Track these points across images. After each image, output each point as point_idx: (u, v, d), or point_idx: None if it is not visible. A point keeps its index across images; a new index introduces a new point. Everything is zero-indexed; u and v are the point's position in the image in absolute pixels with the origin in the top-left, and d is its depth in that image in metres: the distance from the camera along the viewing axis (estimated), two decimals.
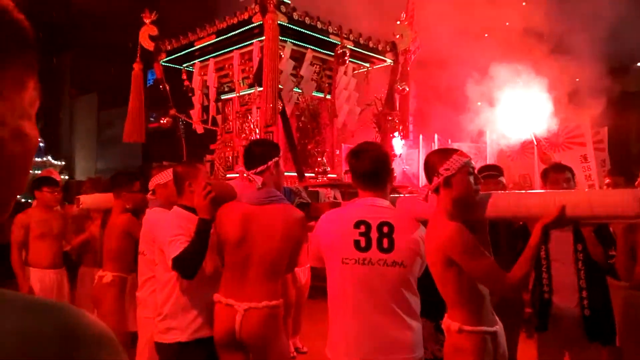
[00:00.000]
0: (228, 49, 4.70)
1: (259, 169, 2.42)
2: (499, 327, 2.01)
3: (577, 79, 9.06)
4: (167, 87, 5.22)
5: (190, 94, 5.26)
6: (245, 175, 2.46)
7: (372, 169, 2.14)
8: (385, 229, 2.08)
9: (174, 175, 2.69)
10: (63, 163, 25.07)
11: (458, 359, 1.95)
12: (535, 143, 5.29)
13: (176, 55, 5.13)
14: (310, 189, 3.54)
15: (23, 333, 0.42)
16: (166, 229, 2.44)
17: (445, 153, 2.03)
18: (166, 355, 2.49)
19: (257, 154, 2.46)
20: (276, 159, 2.47)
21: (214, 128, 5.13)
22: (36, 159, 24.56)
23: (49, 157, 24.75)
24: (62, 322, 0.44)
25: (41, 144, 25.41)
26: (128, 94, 5.30)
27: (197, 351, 2.44)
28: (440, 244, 1.92)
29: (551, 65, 7.80)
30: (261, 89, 4.12)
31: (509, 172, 7.44)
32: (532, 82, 7.65)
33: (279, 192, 2.46)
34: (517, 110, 7.71)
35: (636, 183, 2.91)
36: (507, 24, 9.87)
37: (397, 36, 5.14)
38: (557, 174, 2.97)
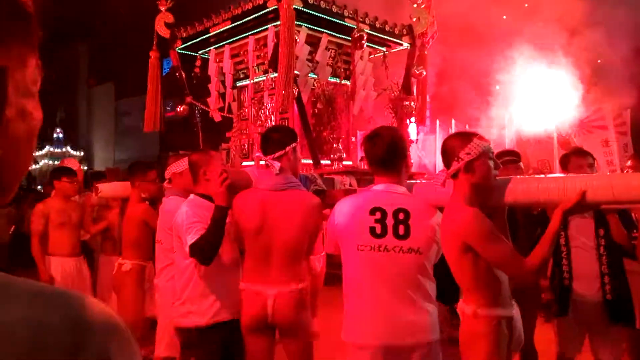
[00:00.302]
0: (243, 35, 4.68)
1: (277, 154, 2.43)
2: (515, 312, 1.99)
3: (599, 61, 8.84)
4: (184, 75, 5.23)
5: (194, 82, 5.26)
6: (262, 161, 2.47)
7: (387, 154, 2.11)
8: (401, 216, 2.07)
9: (189, 163, 2.71)
10: (82, 153, 25.45)
11: (473, 343, 1.93)
12: (554, 128, 5.18)
13: (192, 42, 5.12)
14: (325, 176, 3.53)
15: (33, 321, 0.42)
16: (183, 216, 2.48)
17: (465, 137, 1.98)
18: (186, 338, 2.53)
19: (275, 140, 2.46)
20: (294, 144, 2.47)
21: (230, 115, 5.13)
22: (55, 150, 24.98)
23: (68, 148, 25.16)
24: (71, 310, 0.44)
25: (60, 135, 25.84)
26: (144, 82, 5.33)
27: (215, 335, 2.48)
28: (457, 230, 1.90)
29: (572, 47, 7.61)
30: (276, 74, 4.10)
31: (527, 157, 7.35)
32: (552, 66, 7.50)
33: (296, 180, 2.46)
34: (537, 95, 7.57)
35: None
36: (526, 5, 9.66)
37: (414, 19, 5.05)
38: (579, 159, 2.92)
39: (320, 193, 2.85)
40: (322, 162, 4.38)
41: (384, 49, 5.26)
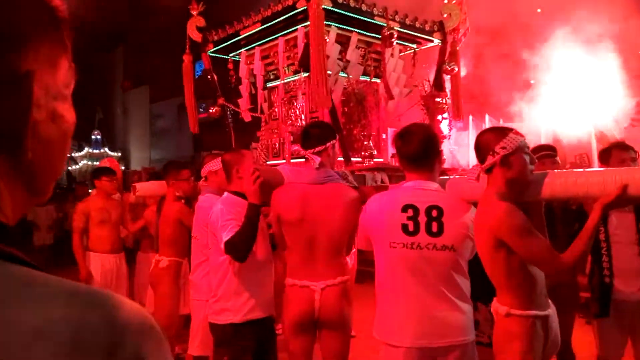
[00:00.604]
0: (273, 37, 4.72)
1: (317, 149, 2.49)
2: (551, 311, 1.96)
3: None
4: (215, 78, 5.32)
5: (234, 84, 5.34)
6: (299, 158, 2.53)
7: (419, 150, 2.10)
8: (434, 213, 2.05)
9: (222, 162, 2.78)
10: (119, 154, 26.16)
11: (506, 344, 1.91)
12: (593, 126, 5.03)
13: (223, 45, 5.21)
14: (356, 172, 3.53)
15: (72, 321, 0.42)
16: (218, 214, 2.53)
17: (500, 131, 1.97)
18: (220, 335, 2.58)
19: (316, 135, 2.53)
20: (333, 141, 2.55)
21: (261, 115, 5.19)
22: (94, 151, 25.80)
23: (106, 149, 25.92)
24: (108, 310, 0.45)
25: (98, 137, 26.65)
26: (177, 85, 5.46)
27: (249, 332, 2.52)
28: (490, 225, 1.88)
29: (613, 38, 7.35)
30: (306, 74, 4.13)
31: (564, 152, 7.15)
32: (591, 57, 7.26)
33: (333, 172, 2.52)
34: (574, 88, 7.35)
35: None
36: None
37: (445, 15, 4.99)
38: (621, 152, 2.83)
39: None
40: (353, 159, 4.38)
41: (414, 45, 5.21)
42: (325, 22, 3.94)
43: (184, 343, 4.54)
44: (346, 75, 4.55)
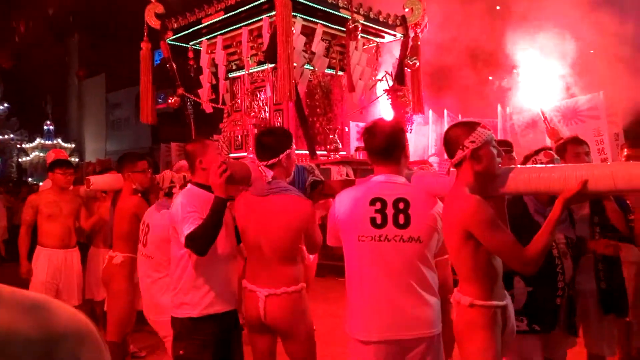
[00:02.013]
0: (236, 26, 4.61)
1: (269, 162, 2.45)
2: (508, 301, 2.04)
3: (592, 51, 8.86)
4: (175, 67, 5.16)
5: (194, 73, 5.20)
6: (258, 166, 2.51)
7: (386, 145, 2.14)
8: (401, 205, 2.08)
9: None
10: (73, 145, 25.23)
11: (469, 333, 1.97)
12: (543, 118, 5.20)
13: (183, 33, 5.05)
14: (322, 166, 3.51)
15: (4, 330, 0.41)
16: (178, 207, 2.48)
17: (469, 126, 2.01)
18: (178, 329, 2.55)
19: (269, 146, 2.50)
20: (288, 151, 2.49)
21: (223, 107, 5.08)
22: (46, 142, 24.74)
23: (59, 140, 24.93)
24: (43, 318, 0.43)
25: (51, 127, 25.55)
26: (135, 74, 5.26)
27: (207, 327, 2.48)
28: (459, 217, 1.92)
29: (564, 38, 7.62)
30: (272, 66, 4.05)
31: (519, 147, 7.38)
32: (545, 56, 7.51)
33: (285, 183, 2.48)
34: (529, 85, 7.58)
35: None
36: None
37: (407, 10, 5.02)
38: (576, 147, 2.96)
39: (319, 183, 2.85)
40: (319, 152, 4.36)
41: (377, 39, 5.22)
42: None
43: (139, 341, 4.43)
44: (311, 68, 4.50)
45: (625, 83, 7.33)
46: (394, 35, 5.12)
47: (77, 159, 22.27)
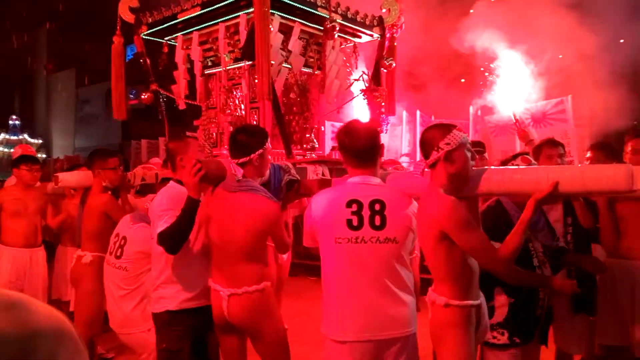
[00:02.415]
0: (213, 22, 4.56)
1: (241, 161, 2.42)
2: (482, 300, 2.08)
3: (560, 56, 9.10)
4: (148, 62, 5.07)
5: (160, 68, 5.12)
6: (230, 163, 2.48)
7: (365, 147, 2.15)
8: (377, 207, 2.09)
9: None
10: (40, 141, 24.54)
11: (444, 332, 2.00)
12: (514, 120, 5.32)
13: (158, 28, 4.96)
14: (298, 165, 3.50)
15: None
16: (157, 204, 2.48)
17: (445, 128, 2.04)
18: (158, 323, 2.56)
19: (242, 144, 2.45)
20: (260, 151, 2.44)
21: (198, 104, 5.01)
22: (12, 137, 23.98)
23: (25, 135, 24.20)
24: (21, 317, 0.43)
25: (17, 122, 24.77)
26: (106, 69, 5.15)
27: (184, 320, 2.50)
28: (434, 218, 1.94)
29: (535, 42, 7.81)
30: (249, 63, 4.03)
31: (492, 148, 7.53)
32: (516, 59, 7.67)
33: (255, 183, 2.44)
34: (501, 87, 7.73)
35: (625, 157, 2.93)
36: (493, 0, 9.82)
37: (384, 10, 5.06)
38: (551, 149, 3.03)
39: (295, 182, 2.84)
40: (295, 151, 4.35)
41: (355, 39, 5.24)
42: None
43: (107, 342, 4.33)
44: (289, 66, 4.49)
45: (592, 87, 7.56)
46: (371, 36, 5.15)
47: (44, 155, 21.68)
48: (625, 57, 9.25)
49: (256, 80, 3.63)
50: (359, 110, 5.09)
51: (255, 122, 4.36)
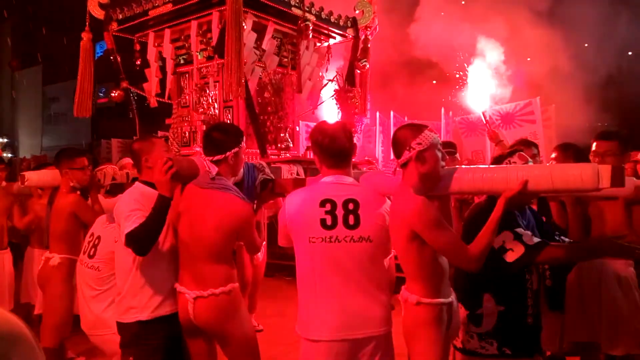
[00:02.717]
0: (185, 19, 4.49)
1: (216, 158, 2.39)
2: (453, 298, 2.10)
3: (529, 59, 9.33)
4: (119, 59, 4.97)
5: (137, 67, 5.03)
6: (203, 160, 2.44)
7: (343, 147, 2.15)
8: (351, 206, 2.10)
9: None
10: (6, 140, 23.77)
11: (416, 330, 2.02)
12: (485, 121, 5.43)
13: (128, 24, 4.86)
14: (272, 165, 3.48)
15: None
16: (124, 205, 2.40)
17: (417, 128, 2.06)
18: (127, 334, 2.44)
19: (217, 142, 2.41)
20: (235, 149, 2.41)
21: (171, 102, 4.93)
22: None
23: None
24: None
25: None
26: (75, 66, 5.02)
27: (157, 329, 2.41)
28: (405, 217, 1.96)
29: (504, 45, 7.98)
30: (222, 61, 3.98)
31: (462, 148, 7.67)
32: (486, 61, 7.82)
33: (230, 183, 2.40)
34: (471, 88, 7.86)
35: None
36: (463, 2, 10.01)
37: (357, 11, 5.09)
38: (524, 150, 3.08)
39: (269, 182, 2.82)
40: (269, 151, 4.33)
41: (329, 39, 5.26)
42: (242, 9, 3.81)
43: (77, 346, 4.23)
44: (262, 66, 4.46)
45: (560, 90, 7.78)
46: (345, 37, 5.18)
47: (10, 155, 21.00)
48: (591, 61, 9.56)
49: (231, 79, 3.58)
50: (334, 111, 5.10)
51: (229, 121, 4.32)
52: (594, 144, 2.96)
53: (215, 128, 2.56)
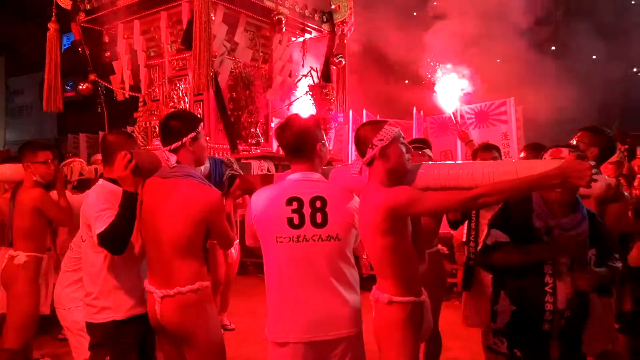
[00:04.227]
0: (154, 9, 4.40)
1: (173, 146, 2.28)
2: (425, 297, 2.07)
3: (498, 60, 9.51)
4: (87, 51, 4.83)
5: (108, 60, 4.91)
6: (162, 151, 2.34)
7: (296, 142, 2.10)
8: (318, 204, 2.05)
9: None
10: None
11: (389, 330, 1.98)
12: (455, 122, 5.51)
13: (96, 14, 4.73)
14: (242, 160, 3.44)
15: None
16: (92, 203, 2.31)
17: (376, 124, 2.05)
18: (100, 334, 2.38)
19: (172, 130, 2.30)
20: (193, 134, 2.29)
21: (139, 95, 4.83)
22: None
23: None
24: None
25: None
26: (39, 58, 4.87)
27: (133, 328, 2.36)
28: (381, 207, 1.90)
29: (477, 45, 8.10)
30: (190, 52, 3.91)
31: (432, 147, 7.73)
32: (459, 61, 7.93)
33: (193, 170, 2.30)
34: (442, 88, 7.96)
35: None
36: (435, 3, 10.12)
37: (333, 6, 5.08)
38: (484, 153, 3.17)
39: (237, 178, 2.76)
40: (240, 147, 4.28)
41: (303, 34, 5.23)
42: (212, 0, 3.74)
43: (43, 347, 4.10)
44: (233, 59, 4.40)
45: (530, 89, 7.94)
46: (320, 31, 5.16)
47: None
48: (561, 62, 9.80)
49: (198, 72, 3.51)
50: (310, 107, 5.08)
51: (199, 115, 4.25)
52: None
53: (169, 116, 2.44)
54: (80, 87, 4.89)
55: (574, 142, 2.94)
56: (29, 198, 3.26)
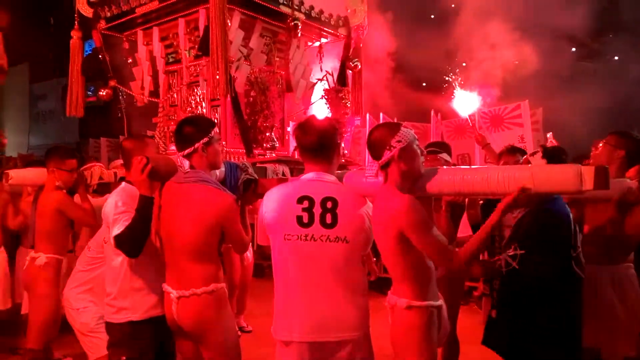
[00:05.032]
0: (173, 17, 4.47)
1: (186, 152, 2.30)
2: (442, 301, 2.05)
3: (516, 62, 9.39)
4: (107, 57, 4.93)
5: (130, 66, 5.00)
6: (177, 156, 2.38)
7: (317, 142, 2.10)
8: (329, 204, 2.05)
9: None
10: None
11: (407, 336, 1.95)
12: (471, 124, 5.46)
13: (116, 22, 4.83)
14: (258, 165, 3.46)
15: None
16: (112, 207, 2.36)
17: (392, 126, 2.03)
18: (117, 334, 2.42)
19: (185, 134, 2.32)
20: (205, 139, 2.31)
21: (158, 100, 4.90)
22: None
23: None
24: None
25: None
26: (62, 65, 4.99)
27: (149, 330, 2.40)
28: (393, 218, 1.89)
29: (493, 47, 8.02)
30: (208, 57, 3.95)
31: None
32: (476, 64, 7.86)
33: (207, 175, 2.32)
34: (460, 92, 7.90)
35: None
36: (453, 5, 10.05)
37: (349, 11, 5.09)
38: (508, 156, 3.12)
39: (252, 182, 2.78)
40: (256, 151, 4.30)
41: (320, 39, 5.25)
42: (228, 6, 3.78)
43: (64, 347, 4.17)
44: (249, 64, 4.44)
45: (548, 93, 7.83)
46: (337, 36, 5.17)
47: None
48: (580, 65, 9.63)
49: (217, 77, 3.55)
50: (325, 111, 5.09)
51: (216, 120, 4.30)
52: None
53: (182, 122, 2.47)
54: (101, 92, 4.99)
55: (600, 145, 2.90)
56: (50, 200, 3.33)
